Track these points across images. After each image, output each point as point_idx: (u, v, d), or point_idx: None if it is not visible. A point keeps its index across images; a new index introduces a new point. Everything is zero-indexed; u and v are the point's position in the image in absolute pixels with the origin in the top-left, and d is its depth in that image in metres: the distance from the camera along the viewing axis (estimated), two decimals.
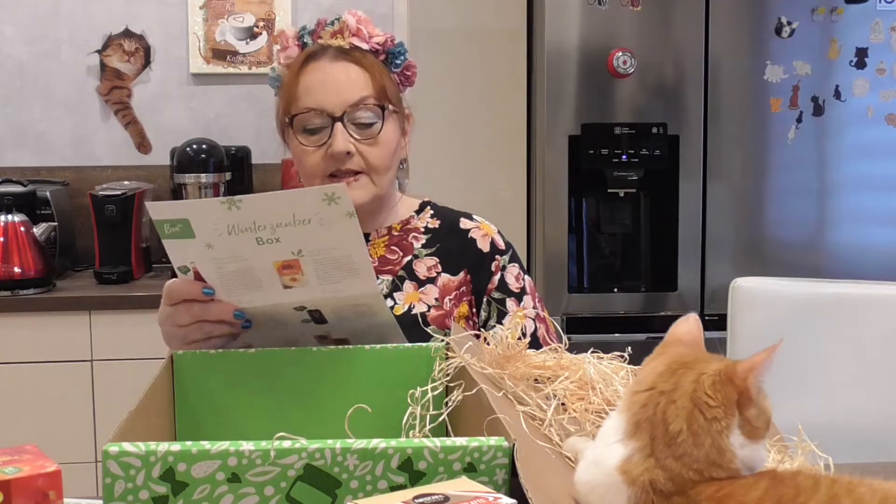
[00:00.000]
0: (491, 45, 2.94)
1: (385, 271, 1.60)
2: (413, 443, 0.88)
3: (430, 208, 1.69)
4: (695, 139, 2.85)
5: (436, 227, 1.65)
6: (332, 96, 1.54)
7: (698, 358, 0.88)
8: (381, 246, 1.63)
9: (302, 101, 1.55)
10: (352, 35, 1.58)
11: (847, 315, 1.80)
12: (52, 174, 3.34)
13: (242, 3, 3.42)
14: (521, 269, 1.63)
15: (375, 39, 1.59)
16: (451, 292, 1.58)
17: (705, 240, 2.88)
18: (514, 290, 1.60)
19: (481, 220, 1.68)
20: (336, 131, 1.53)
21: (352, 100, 1.54)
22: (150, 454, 0.85)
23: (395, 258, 1.62)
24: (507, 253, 1.63)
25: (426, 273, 1.60)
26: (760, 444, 0.85)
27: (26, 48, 3.38)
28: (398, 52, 1.61)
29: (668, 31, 2.84)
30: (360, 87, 1.55)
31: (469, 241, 1.63)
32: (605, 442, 0.88)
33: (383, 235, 1.64)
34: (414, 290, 1.58)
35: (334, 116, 1.53)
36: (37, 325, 2.83)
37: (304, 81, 1.55)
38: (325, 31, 1.59)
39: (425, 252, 1.62)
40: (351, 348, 1.26)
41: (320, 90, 1.54)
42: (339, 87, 1.54)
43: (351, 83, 1.54)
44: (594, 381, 1.10)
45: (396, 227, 1.65)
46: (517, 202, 2.99)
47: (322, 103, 1.54)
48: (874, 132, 2.90)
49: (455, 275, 1.60)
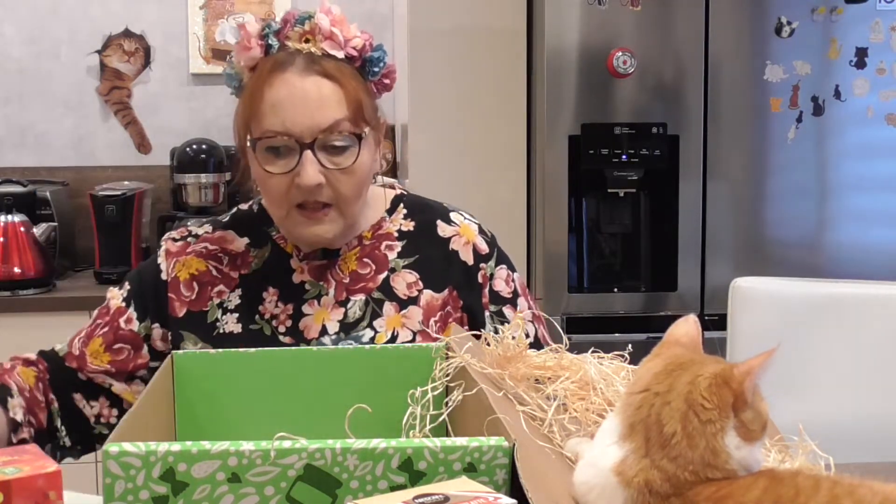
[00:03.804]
0: (491, 45, 2.93)
1: (356, 289, 1.47)
2: (413, 443, 0.88)
3: (403, 206, 1.54)
4: (695, 139, 2.85)
5: (410, 231, 1.52)
6: (301, 118, 1.36)
7: (694, 359, 0.88)
8: (352, 260, 1.49)
9: (267, 120, 1.37)
10: (324, 39, 1.39)
11: (847, 315, 1.80)
12: (52, 174, 3.34)
13: (242, 3, 3.42)
14: (508, 269, 1.53)
15: (352, 44, 1.41)
16: (436, 312, 1.47)
17: (705, 240, 2.87)
18: (506, 297, 1.52)
19: (460, 221, 1.54)
20: (305, 161, 1.36)
21: (324, 124, 1.36)
22: (150, 454, 0.85)
23: (368, 273, 1.48)
24: (491, 257, 1.52)
25: (406, 291, 1.47)
26: (756, 445, 0.85)
27: (26, 48, 3.38)
28: (376, 59, 1.43)
29: (668, 31, 2.84)
30: (332, 108, 1.37)
31: (450, 253, 1.51)
32: (601, 443, 0.88)
33: (354, 248, 1.49)
34: (395, 312, 1.45)
35: (303, 143, 1.36)
36: (37, 325, 2.83)
37: (269, 96, 1.37)
38: (294, 32, 1.40)
39: (402, 263, 1.49)
40: (351, 348, 1.26)
41: (288, 110, 1.36)
42: (309, 108, 1.36)
43: (322, 103, 1.37)
44: (595, 381, 1.10)
45: (367, 236, 1.50)
46: (517, 202, 2.98)
47: (290, 127, 1.36)
48: (874, 132, 2.90)
49: (438, 291, 1.48)
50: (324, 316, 1.47)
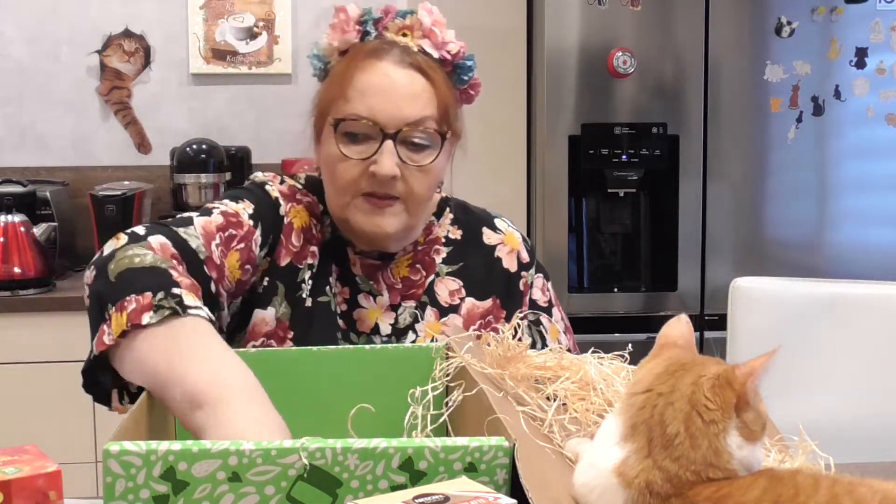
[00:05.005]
0: (491, 45, 2.93)
1: (408, 296, 1.45)
2: (414, 442, 0.88)
3: (450, 210, 1.53)
4: (695, 139, 2.85)
5: (457, 239, 1.51)
6: (389, 107, 1.34)
7: (695, 360, 0.89)
8: (404, 266, 1.47)
9: (353, 104, 1.35)
10: (423, 36, 1.39)
11: (847, 315, 1.80)
12: (52, 174, 3.34)
13: (242, 3, 3.42)
14: (544, 279, 1.54)
15: (447, 47, 1.40)
16: (476, 320, 1.46)
17: (705, 240, 2.87)
18: (542, 306, 1.52)
19: (504, 228, 1.54)
20: (385, 150, 1.34)
21: (411, 117, 1.34)
22: (150, 453, 0.85)
23: (419, 279, 1.46)
24: (531, 266, 1.52)
25: (448, 299, 1.46)
26: (758, 445, 0.85)
27: (26, 48, 3.38)
28: (467, 67, 1.42)
29: (668, 31, 2.84)
30: (421, 104, 1.35)
31: (495, 260, 1.50)
32: (601, 444, 0.88)
33: (408, 253, 1.47)
34: (435, 318, 1.45)
35: (387, 132, 1.34)
36: (37, 325, 2.83)
37: (360, 80, 1.35)
38: (394, 24, 1.40)
39: (447, 269, 1.48)
40: (351, 348, 1.26)
41: (378, 96, 1.34)
42: (398, 99, 1.34)
43: (414, 97, 1.35)
44: (595, 381, 1.10)
45: (421, 240, 1.48)
46: (517, 202, 2.98)
47: (376, 114, 1.34)
48: (874, 132, 2.90)
49: (481, 300, 1.47)
50: (377, 315, 1.44)
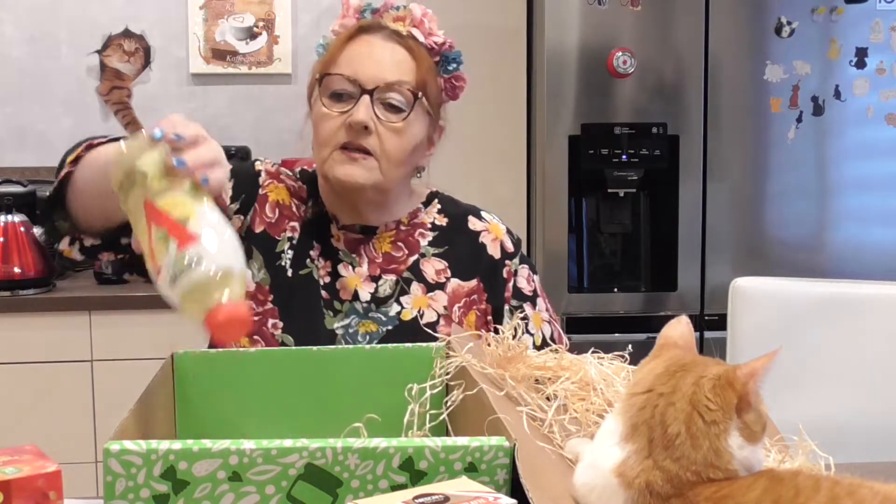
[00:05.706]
0: (491, 45, 2.93)
1: (389, 270, 1.55)
2: (414, 442, 0.88)
3: (438, 201, 1.63)
4: (695, 139, 2.85)
5: (443, 225, 1.60)
6: (369, 69, 1.48)
7: (696, 361, 0.89)
8: (386, 241, 1.57)
9: (339, 66, 1.49)
10: (413, 25, 1.53)
11: (847, 315, 1.80)
12: (52, 174, 3.32)
13: (242, 3, 3.42)
14: (529, 270, 1.61)
15: (434, 38, 1.55)
16: (461, 299, 1.54)
17: (705, 240, 2.87)
18: (527, 294, 1.58)
19: (490, 219, 1.63)
20: (361, 102, 1.46)
21: (388, 78, 1.48)
22: (151, 452, 0.85)
23: (401, 256, 1.56)
24: (516, 255, 1.60)
25: (434, 276, 1.55)
26: (758, 445, 0.85)
27: (26, 48, 3.38)
28: (453, 58, 1.56)
29: (668, 31, 2.84)
30: (401, 70, 1.49)
31: (479, 246, 1.59)
32: (602, 444, 0.88)
33: (391, 229, 1.57)
34: (422, 293, 1.53)
35: (365, 88, 1.47)
36: (37, 325, 2.83)
37: (349, 49, 1.50)
38: (389, 14, 1.55)
39: (433, 251, 1.57)
40: (351, 348, 1.26)
41: (361, 62, 1.49)
42: (380, 64, 1.49)
43: (394, 63, 1.49)
44: (595, 381, 1.10)
45: (405, 221, 1.58)
46: (517, 202, 2.98)
47: (357, 74, 1.48)
48: (874, 132, 2.90)
49: (466, 280, 1.56)
50: (356, 283, 1.53)
